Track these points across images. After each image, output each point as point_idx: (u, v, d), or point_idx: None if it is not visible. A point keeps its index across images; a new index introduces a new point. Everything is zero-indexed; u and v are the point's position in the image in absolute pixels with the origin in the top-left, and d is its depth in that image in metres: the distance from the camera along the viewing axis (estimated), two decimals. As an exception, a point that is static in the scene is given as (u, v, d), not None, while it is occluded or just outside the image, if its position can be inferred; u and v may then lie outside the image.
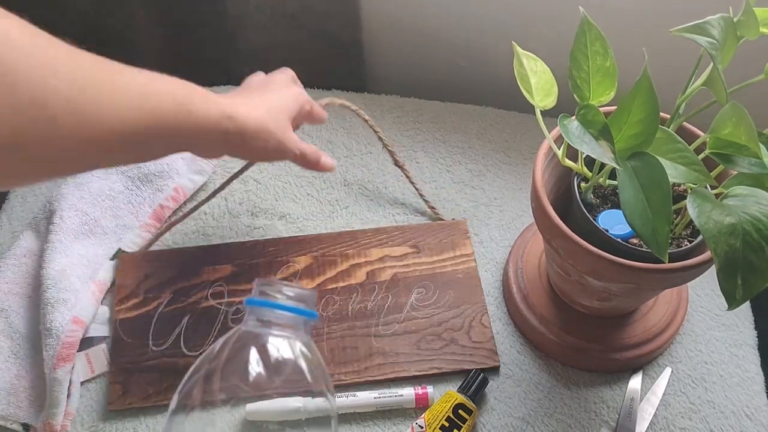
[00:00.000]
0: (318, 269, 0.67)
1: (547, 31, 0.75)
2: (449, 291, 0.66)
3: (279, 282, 0.56)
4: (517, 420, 0.60)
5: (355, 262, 0.67)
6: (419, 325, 0.64)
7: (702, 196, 0.45)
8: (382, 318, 0.64)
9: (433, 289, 0.66)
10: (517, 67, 0.52)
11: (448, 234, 0.69)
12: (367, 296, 0.65)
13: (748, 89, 0.50)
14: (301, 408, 0.59)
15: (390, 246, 0.68)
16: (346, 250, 0.68)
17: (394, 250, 0.68)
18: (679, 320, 0.63)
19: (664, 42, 0.56)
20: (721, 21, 0.46)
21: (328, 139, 0.79)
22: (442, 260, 0.68)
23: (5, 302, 0.63)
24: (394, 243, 0.68)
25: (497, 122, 0.81)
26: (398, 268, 0.67)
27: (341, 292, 0.66)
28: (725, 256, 0.42)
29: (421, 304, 0.65)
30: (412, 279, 0.66)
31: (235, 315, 0.64)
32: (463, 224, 0.70)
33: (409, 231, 0.69)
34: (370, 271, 0.67)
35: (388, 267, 0.67)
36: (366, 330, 0.63)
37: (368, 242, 0.68)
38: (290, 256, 0.67)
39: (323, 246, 0.68)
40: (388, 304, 0.65)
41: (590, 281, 0.54)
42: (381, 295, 0.65)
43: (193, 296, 0.65)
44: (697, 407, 0.61)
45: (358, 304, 0.65)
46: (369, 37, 0.87)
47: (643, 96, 0.45)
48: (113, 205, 0.69)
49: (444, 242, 0.69)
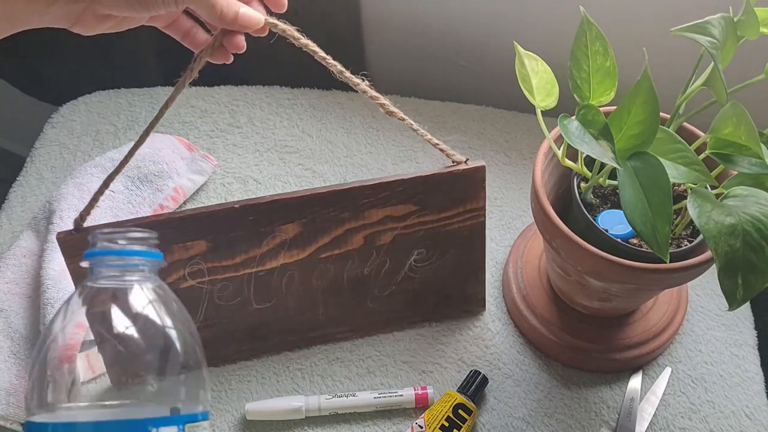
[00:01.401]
0: (309, 237, 0.58)
1: (547, 31, 0.75)
2: (450, 250, 0.61)
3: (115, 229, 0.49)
4: (517, 420, 0.60)
5: (351, 226, 0.58)
6: (415, 284, 0.62)
7: (702, 196, 0.45)
8: (378, 282, 0.62)
9: (434, 249, 0.61)
10: (518, 67, 0.52)
11: (461, 185, 0.58)
12: (364, 262, 0.60)
13: (748, 89, 0.50)
14: (301, 407, 0.59)
15: (392, 205, 0.58)
16: (341, 213, 0.57)
17: (396, 209, 0.58)
18: (679, 320, 0.63)
19: (664, 42, 0.56)
20: (721, 21, 0.46)
21: (328, 139, 0.79)
22: (449, 216, 0.60)
23: (5, 302, 0.63)
24: (397, 200, 0.58)
25: (497, 122, 0.81)
26: (400, 229, 0.59)
27: (336, 260, 0.59)
28: (725, 257, 0.42)
29: (419, 265, 0.62)
30: (413, 240, 0.60)
31: (221, 292, 0.59)
32: (480, 171, 0.57)
33: (416, 184, 0.57)
34: (369, 234, 0.59)
35: (389, 229, 0.59)
36: (362, 295, 0.62)
37: (367, 201, 0.57)
38: (275, 225, 0.57)
39: (315, 209, 0.57)
40: (385, 269, 0.61)
41: (590, 281, 0.54)
42: (378, 260, 0.60)
43: (168, 277, 0.57)
44: (697, 407, 0.61)
45: (353, 271, 0.60)
46: (369, 36, 0.87)
47: (643, 96, 0.45)
48: (113, 205, 0.69)
49: (454, 196, 0.59)
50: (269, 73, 0.86)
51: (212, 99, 0.82)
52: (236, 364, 0.63)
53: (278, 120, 0.81)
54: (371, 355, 0.63)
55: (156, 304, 0.48)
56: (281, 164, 0.77)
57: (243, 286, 0.59)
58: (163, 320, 0.47)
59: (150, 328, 0.47)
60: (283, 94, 0.83)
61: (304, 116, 0.81)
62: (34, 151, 0.78)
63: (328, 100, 0.83)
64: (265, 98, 0.83)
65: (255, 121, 0.80)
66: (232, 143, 0.78)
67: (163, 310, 0.48)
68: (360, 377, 0.62)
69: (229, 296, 0.59)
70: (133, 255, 0.48)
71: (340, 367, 0.63)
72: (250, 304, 0.60)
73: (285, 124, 0.80)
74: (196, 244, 0.56)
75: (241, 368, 0.63)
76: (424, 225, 0.59)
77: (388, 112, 0.55)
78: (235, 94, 0.83)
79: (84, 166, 0.71)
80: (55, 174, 0.76)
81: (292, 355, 0.63)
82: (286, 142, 0.79)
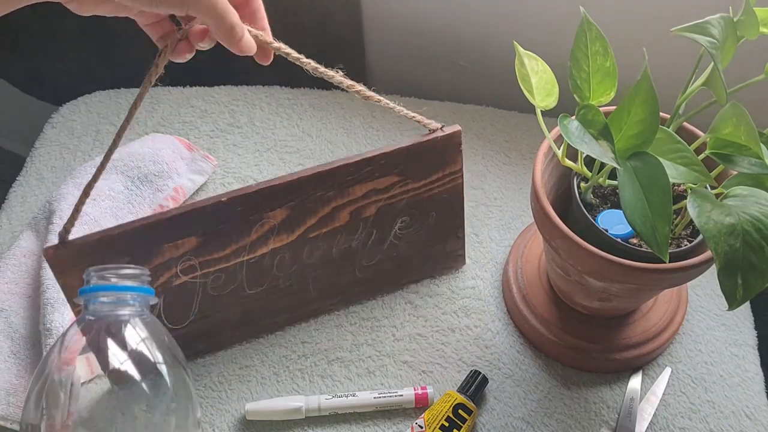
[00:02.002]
0: (297, 220, 0.59)
1: (547, 31, 0.76)
2: (432, 213, 0.64)
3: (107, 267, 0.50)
4: (517, 420, 0.60)
5: (337, 204, 0.60)
6: (400, 250, 0.65)
7: (702, 196, 0.45)
8: (365, 252, 0.64)
9: (417, 215, 0.64)
10: (518, 67, 0.52)
11: (440, 151, 0.61)
12: (351, 236, 0.62)
13: (748, 89, 0.50)
14: (301, 407, 0.59)
15: (376, 178, 0.60)
16: (326, 192, 0.59)
17: (380, 182, 0.60)
18: (679, 320, 0.63)
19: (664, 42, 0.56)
20: (721, 21, 0.46)
21: (328, 139, 0.79)
22: (430, 182, 0.62)
23: (5, 302, 0.63)
24: (380, 173, 0.60)
25: (497, 122, 0.81)
26: (384, 201, 0.61)
27: (324, 237, 0.61)
28: (725, 257, 0.42)
29: (403, 231, 0.64)
30: (397, 209, 0.63)
31: (214, 284, 0.59)
32: (457, 136, 0.60)
33: (398, 156, 0.59)
34: (354, 209, 0.61)
35: (373, 202, 0.61)
36: (350, 267, 0.64)
37: (351, 178, 0.59)
38: (263, 213, 0.58)
39: (301, 192, 0.58)
40: (372, 240, 0.64)
41: (590, 281, 0.54)
42: (365, 232, 0.63)
43: (160, 277, 0.57)
44: (697, 407, 0.61)
45: (341, 245, 0.62)
46: (369, 36, 0.87)
47: (643, 96, 0.45)
48: (113, 205, 0.69)
49: (434, 162, 0.61)
50: (269, 73, 0.86)
51: (212, 99, 0.82)
52: (236, 363, 0.63)
53: (278, 120, 0.81)
54: (371, 355, 0.63)
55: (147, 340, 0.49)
56: (281, 164, 0.77)
57: (235, 274, 0.60)
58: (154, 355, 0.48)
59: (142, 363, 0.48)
60: (283, 94, 0.83)
61: (304, 116, 0.81)
62: (34, 151, 0.79)
63: (328, 100, 0.83)
64: (265, 98, 0.83)
65: (255, 121, 0.80)
66: (232, 143, 0.78)
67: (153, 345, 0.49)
68: (360, 377, 0.62)
69: (222, 286, 0.60)
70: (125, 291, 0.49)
71: (340, 367, 0.63)
72: (243, 290, 0.61)
73: (285, 124, 0.80)
74: (186, 241, 0.56)
75: (241, 368, 0.63)
76: (407, 193, 0.62)
77: (364, 97, 0.56)
78: (235, 94, 0.83)
79: (84, 166, 0.71)
80: (55, 174, 0.76)
81: (292, 355, 0.63)
82: (286, 142, 0.79)
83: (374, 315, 0.66)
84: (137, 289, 0.50)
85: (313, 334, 0.65)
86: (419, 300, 0.67)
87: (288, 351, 0.64)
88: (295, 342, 0.64)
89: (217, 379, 0.62)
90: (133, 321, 0.49)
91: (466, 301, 0.67)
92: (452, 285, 0.68)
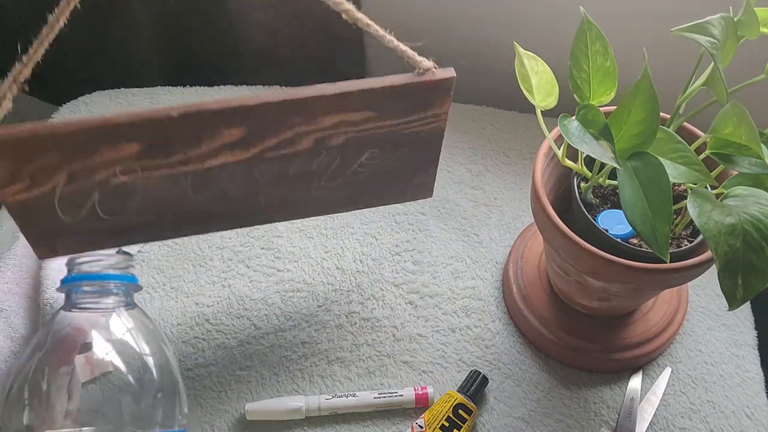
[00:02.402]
0: (254, 140, 0.53)
1: (547, 31, 0.76)
2: (404, 149, 0.57)
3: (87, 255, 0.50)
4: (517, 420, 0.60)
5: (302, 130, 0.53)
6: (363, 176, 0.58)
7: (702, 196, 0.45)
8: (325, 176, 0.57)
9: (388, 149, 0.57)
10: (518, 67, 0.52)
11: (427, 93, 0.54)
12: (311, 161, 0.55)
13: (749, 89, 0.50)
14: (301, 407, 0.59)
15: (349, 112, 0.53)
16: (292, 118, 0.52)
17: (353, 115, 0.53)
18: (679, 320, 0.63)
19: (664, 42, 0.56)
20: (721, 21, 0.46)
21: (328, 139, 0.79)
22: (408, 121, 0.55)
23: (5, 302, 0.63)
24: (355, 108, 0.53)
25: (497, 122, 0.81)
26: (353, 132, 0.54)
27: (282, 158, 0.54)
28: (725, 257, 0.42)
29: (370, 161, 0.57)
30: (367, 141, 0.55)
31: (156, 186, 0.53)
32: (448, 82, 0.54)
33: (378, 94, 0.52)
34: (320, 137, 0.54)
35: (341, 133, 0.54)
36: (307, 187, 0.57)
37: (323, 110, 0.52)
38: (218, 130, 0.51)
39: (262, 117, 0.52)
40: (334, 166, 0.56)
41: (590, 281, 0.54)
42: (327, 159, 0.55)
43: (97, 175, 0.51)
44: (697, 407, 0.61)
45: (299, 167, 0.55)
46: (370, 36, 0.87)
47: (643, 96, 0.45)
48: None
49: (418, 103, 0.55)
50: (269, 73, 0.86)
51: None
52: (236, 364, 0.63)
53: (278, 120, 0.81)
54: (371, 355, 0.63)
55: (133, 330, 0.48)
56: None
57: (179, 181, 0.54)
58: (139, 345, 0.48)
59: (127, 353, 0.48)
60: (283, 94, 0.83)
61: (304, 116, 0.81)
62: (34, 151, 0.78)
63: (328, 100, 0.83)
64: (265, 98, 0.83)
65: (255, 121, 0.80)
66: (232, 143, 0.78)
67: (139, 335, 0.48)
68: (360, 377, 0.62)
69: (166, 190, 0.54)
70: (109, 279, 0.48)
71: (340, 367, 0.63)
72: (187, 196, 0.55)
73: (285, 124, 0.80)
74: (127, 146, 0.50)
75: (241, 368, 0.63)
76: (381, 129, 0.55)
77: (353, 19, 0.52)
78: (235, 94, 0.83)
79: (84, 166, 0.71)
80: (55, 174, 0.76)
81: (292, 355, 0.63)
82: (286, 142, 0.79)
83: (374, 315, 0.66)
84: (121, 278, 0.49)
85: (313, 335, 0.65)
86: (419, 300, 0.67)
87: (288, 351, 0.64)
88: (295, 342, 0.64)
89: (216, 379, 0.62)
90: (117, 311, 0.49)
91: (466, 301, 0.67)
92: (452, 285, 0.68)
